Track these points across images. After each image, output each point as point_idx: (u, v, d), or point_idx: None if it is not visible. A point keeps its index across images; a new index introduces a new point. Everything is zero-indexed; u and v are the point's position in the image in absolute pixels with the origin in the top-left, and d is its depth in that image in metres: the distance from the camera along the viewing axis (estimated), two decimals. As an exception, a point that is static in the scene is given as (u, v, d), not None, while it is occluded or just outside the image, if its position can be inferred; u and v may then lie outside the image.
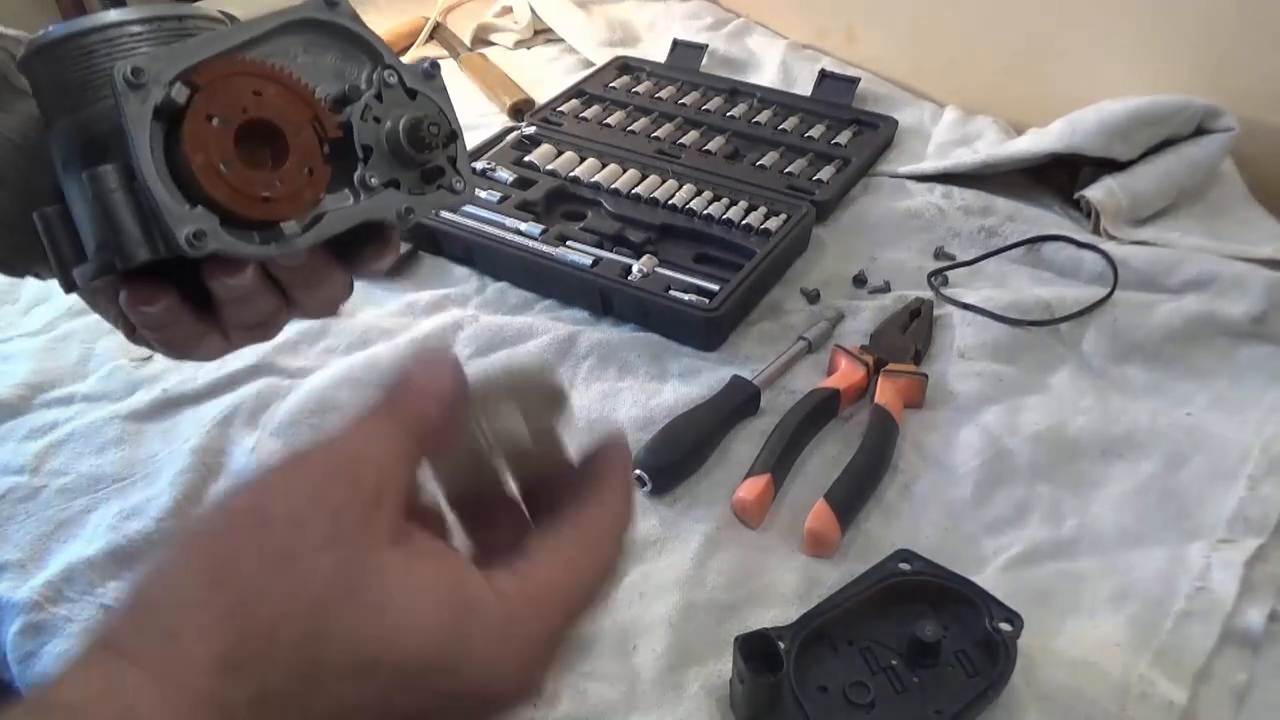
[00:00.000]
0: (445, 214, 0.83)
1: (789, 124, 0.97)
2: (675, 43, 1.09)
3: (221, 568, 0.26)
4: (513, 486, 0.35)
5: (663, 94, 1.02)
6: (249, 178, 0.38)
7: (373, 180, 0.42)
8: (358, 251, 0.44)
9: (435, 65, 0.43)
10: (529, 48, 1.22)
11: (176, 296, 0.42)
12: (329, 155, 0.40)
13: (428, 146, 0.42)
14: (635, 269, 0.78)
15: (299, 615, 0.26)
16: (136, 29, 0.39)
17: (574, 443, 0.35)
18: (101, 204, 0.38)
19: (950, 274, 0.82)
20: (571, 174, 0.89)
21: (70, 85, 0.39)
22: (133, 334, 0.48)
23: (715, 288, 0.75)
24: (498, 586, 0.29)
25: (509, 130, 0.97)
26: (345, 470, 0.28)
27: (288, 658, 0.26)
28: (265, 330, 0.47)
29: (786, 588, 0.58)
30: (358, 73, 0.41)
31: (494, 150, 0.94)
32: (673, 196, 0.86)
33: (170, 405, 0.72)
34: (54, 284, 0.43)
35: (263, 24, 0.39)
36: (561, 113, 1.00)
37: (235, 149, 0.37)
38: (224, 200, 0.37)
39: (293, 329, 0.67)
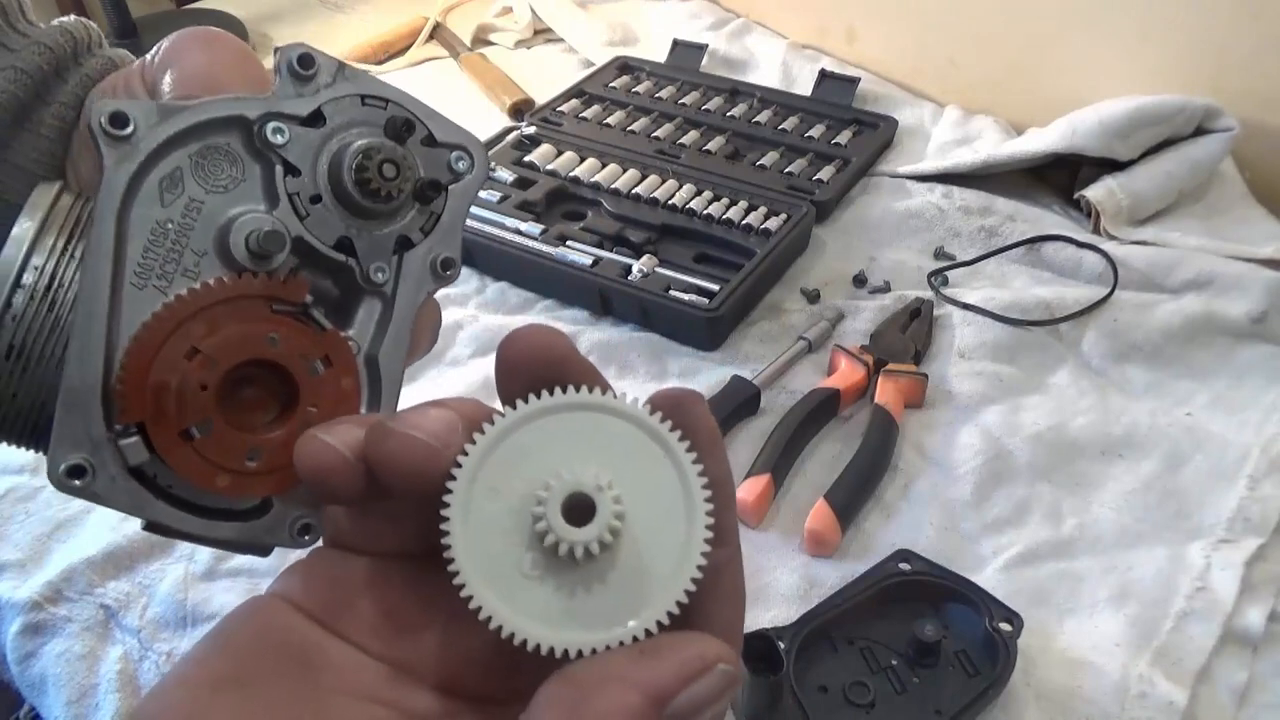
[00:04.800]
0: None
1: (789, 124, 0.97)
2: (675, 43, 1.09)
3: None
4: None
5: (663, 94, 1.02)
6: (247, 450, 0.28)
7: (378, 274, 0.30)
8: None
9: (306, 59, 0.29)
10: (529, 48, 1.22)
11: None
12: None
13: (380, 194, 0.29)
14: (635, 269, 0.78)
15: None
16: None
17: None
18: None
19: (950, 274, 0.82)
20: (571, 174, 0.89)
21: None
22: None
23: (715, 288, 0.75)
24: None
25: (509, 130, 0.96)
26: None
27: None
28: None
29: (786, 588, 0.58)
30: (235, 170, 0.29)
31: (494, 150, 0.94)
32: (673, 196, 0.86)
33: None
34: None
35: (106, 206, 0.26)
36: (561, 113, 1.00)
37: (224, 419, 0.28)
38: (233, 491, 0.28)
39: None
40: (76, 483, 0.26)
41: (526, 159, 0.91)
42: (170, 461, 0.27)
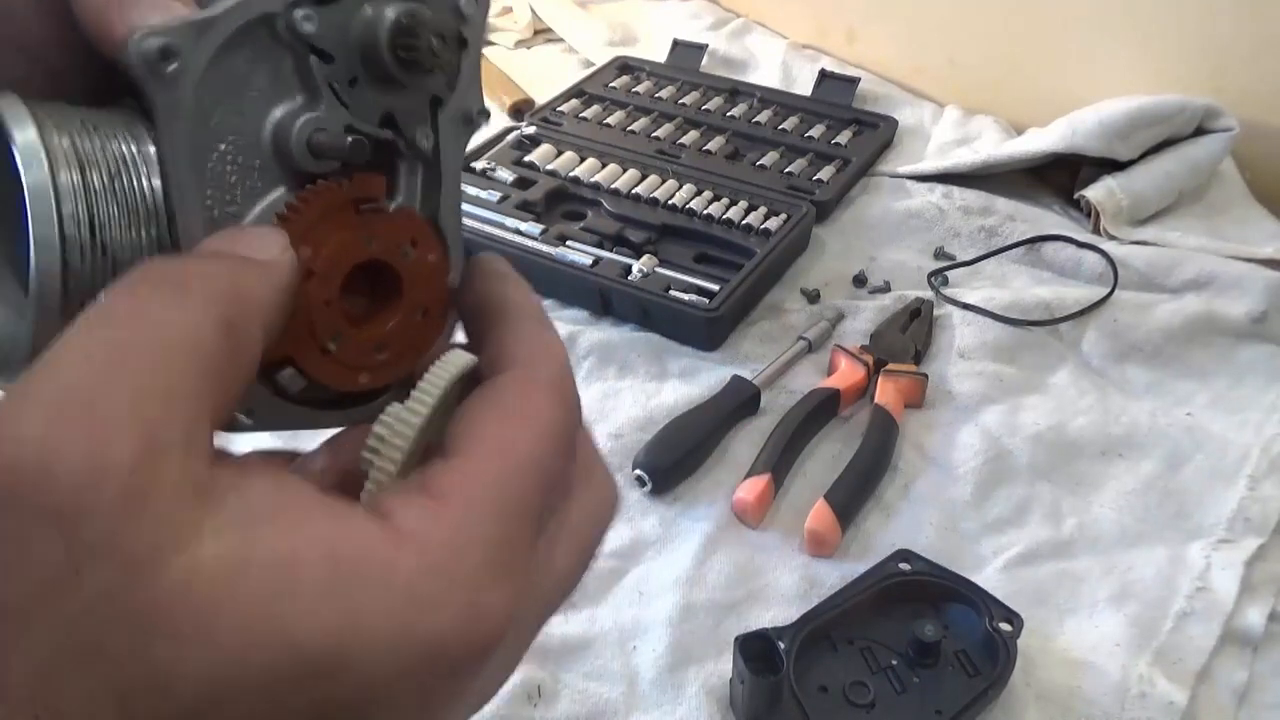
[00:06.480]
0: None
1: (789, 124, 0.97)
2: (675, 43, 1.09)
3: None
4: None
5: (663, 94, 1.02)
6: (359, 346, 0.28)
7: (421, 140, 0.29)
8: None
9: None
10: (529, 48, 1.22)
11: None
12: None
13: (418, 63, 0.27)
14: (635, 269, 0.78)
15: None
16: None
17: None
18: None
19: (950, 274, 0.82)
20: (571, 174, 0.89)
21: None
22: None
23: (715, 288, 0.75)
24: (400, 525, 0.22)
25: (509, 130, 0.96)
26: (79, 416, 0.19)
27: None
28: None
29: (786, 588, 0.58)
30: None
31: (494, 150, 0.94)
32: (673, 196, 0.86)
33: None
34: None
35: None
36: (561, 113, 1.00)
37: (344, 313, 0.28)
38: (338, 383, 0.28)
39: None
40: (248, 421, 0.27)
41: (526, 159, 0.91)
42: (320, 378, 0.28)
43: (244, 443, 0.26)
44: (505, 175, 0.89)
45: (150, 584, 0.18)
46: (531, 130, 0.96)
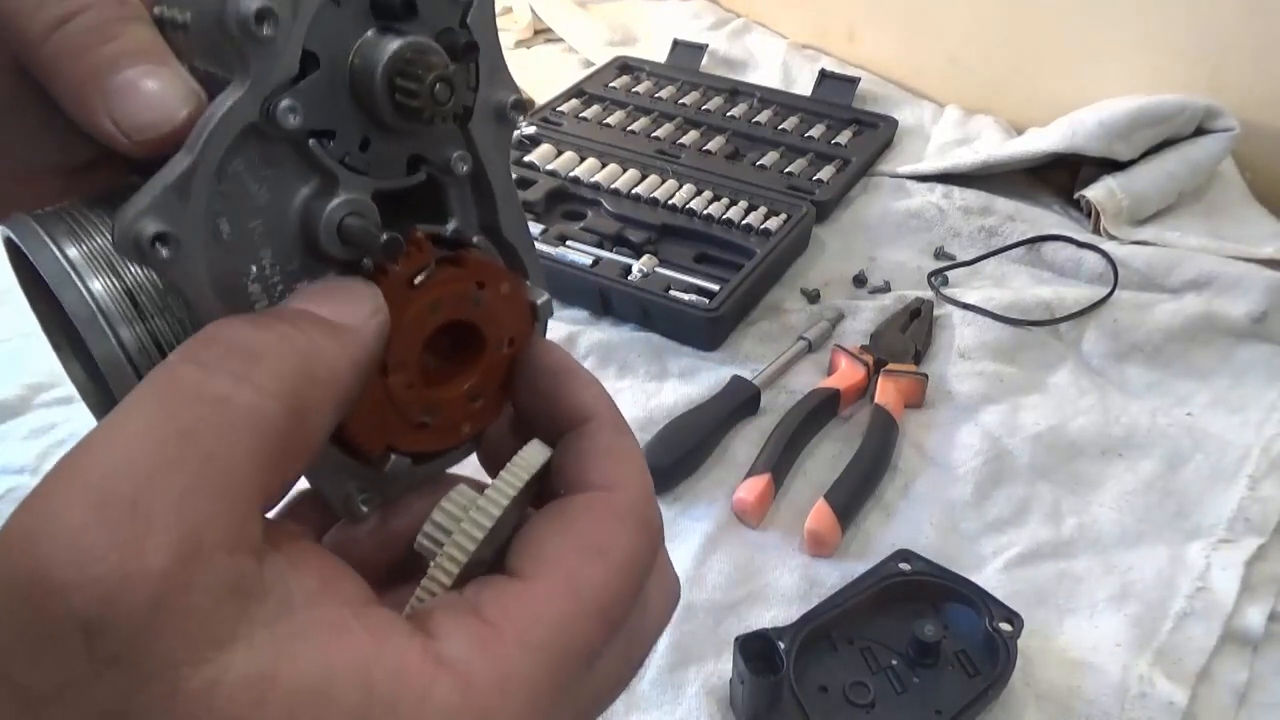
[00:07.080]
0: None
1: (789, 124, 0.97)
2: (675, 43, 1.09)
3: None
4: None
5: (663, 94, 1.02)
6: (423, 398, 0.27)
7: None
8: None
9: None
10: (529, 48, 1.22)
11: None
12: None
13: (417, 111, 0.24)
14: (635, 269, 0.78)
15: None
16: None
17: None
18: None
19: (950, 274, 0.82)
20: (571, 174, 0.89)
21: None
22: None
23: (715, 288, 0.75)
24: (443, 651, 0.20)
25: (509, 130, 0.96)
26: (119, 508, 0.18)
27: None
28: None
29: (786, 588, 0.58)
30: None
31: (494, 150, 0.94)
32: (673, 196, 0.86)
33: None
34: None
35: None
36: (561, 113, 1.00)
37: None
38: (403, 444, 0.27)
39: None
40: (364, 510, 0.27)
41: (526, 159, 0.91)
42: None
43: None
44: (505, 175, 0.89)
45: (167, 695, 0.18)
46: (531, 130, 0.96)
